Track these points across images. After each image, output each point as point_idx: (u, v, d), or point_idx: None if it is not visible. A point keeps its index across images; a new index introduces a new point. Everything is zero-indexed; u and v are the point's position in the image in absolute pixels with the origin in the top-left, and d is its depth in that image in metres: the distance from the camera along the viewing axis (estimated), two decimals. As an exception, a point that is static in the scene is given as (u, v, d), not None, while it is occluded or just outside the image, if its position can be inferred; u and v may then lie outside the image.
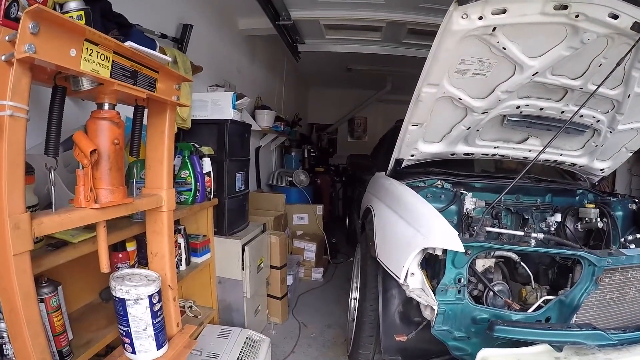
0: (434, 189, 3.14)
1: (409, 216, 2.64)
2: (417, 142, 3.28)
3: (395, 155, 3.42)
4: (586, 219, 3.56)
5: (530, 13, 2.24)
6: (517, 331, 2.00)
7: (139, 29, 2.88)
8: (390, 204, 3.03)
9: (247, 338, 3.08)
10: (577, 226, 3.69)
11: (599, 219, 3.50)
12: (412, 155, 3.43)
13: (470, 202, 3.17)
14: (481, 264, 2.47)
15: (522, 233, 3.08)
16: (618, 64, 2.52)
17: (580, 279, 2.28)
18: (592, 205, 3.57)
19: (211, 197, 3.22)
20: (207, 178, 3.13)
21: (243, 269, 3.49)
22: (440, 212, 2.78)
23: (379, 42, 5.61)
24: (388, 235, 2.81)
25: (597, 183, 4.17)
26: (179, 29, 3.76)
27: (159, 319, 1.80)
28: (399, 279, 2.31)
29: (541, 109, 3.11)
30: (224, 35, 4.92)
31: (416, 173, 3.51)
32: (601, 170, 4.00)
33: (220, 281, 3.49)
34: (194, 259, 3.16)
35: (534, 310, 2.29)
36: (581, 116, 3.21)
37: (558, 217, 3.59)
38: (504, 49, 2.46)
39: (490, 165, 4.25)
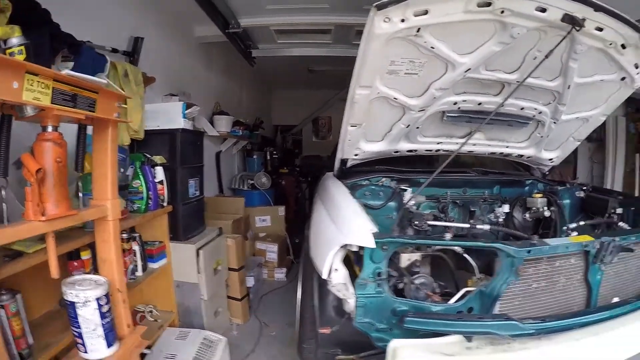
0: (373, 187, 3.31)
1: (335, 214, 2.77)
2: (358, 142, 3.40)
3: (339, 155, 3.54)
4: (533, 208, 3.75)
5: (453, 12, 2.34)
6: (426, 322, 2.10)
7: (90, 45, 3.03)
8: (325, 203, 3.16)
9: (204, 339, 3.28)
10: (525, 216, 3.89)
11: (546, 208, 3.72)
12: (356, 155, 3.55)
13: (409, 197, 3.35)
14: (406, 258, 2.53)
15: (467, 225, 3.31)
16: (546, 56, 2.63)
17: (499, 270, 2.31)
18: (540, 195, 3.77)
19: (165, 204, 3.40)
20: (159, 186, 3.33)
21: (199, 272, 3.70)
22: (378, 208, 3.00)
23: (330, 44, 5.78)
24: (317, 233, 2.91)
25: (547, 172, 4.37)
26: (132, 41, 3.88)
27: (108, 319, 1.99)
28: (322, 275, 2.36)
29: (479, 103, 3.23)
30: (179, 44, 5.06)
31: (362, 172, 3.67)
32: (550, 160, 4.17)
33: (178, 285, 3.67)
34: (151, 265, 3.34)
35: (457, 301, 2.35)
36: (522, 108, 3.35)
37: (506, 208, 3.83)
38: (433, 48, 2.57)
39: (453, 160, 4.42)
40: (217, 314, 4.06)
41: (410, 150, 3.73)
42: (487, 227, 3.25)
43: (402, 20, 2.30)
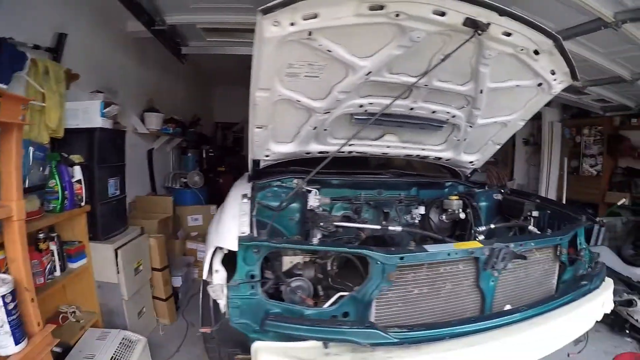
0: (276, 188, 3.35)
1: (219, 217, 2.87)
2: (267, 143, 3.45)
3: (250, 156, 3.58)
4: (449, 210, 3.90)
5: (344, 15, 2.34)
6: (284, 326, 2.13)
7: (12, 42, 3.04)
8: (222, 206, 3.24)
9: (123, 339, 3.36)
10: (442, 217, 4.05)
11: (461, 210, 3.86)
12: (267, 156, 3.60)
13: (314, 199, 3.45)
14: (288, 261, 2.60)
15: (378, 227, 3.43)
16: (443, 59, 2.68)
17: (370, 275, 2.31)
18: (455, 197, 3.91)
19: (82, 203, 3.46)
20: (77, 185, 3.39)
21: (118, 272, 3.76)
22: (279, 210, 3.08)
23: (259, 43, 5.71)
24: (207, 235, 3.03)
25: (469, 175, 4.51)
26: (56, 38, 3.84)
27: (14, 317, 2.08)
28: (203, 276, 2.45)
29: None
30: (110, 40, 5.03)
31: (277, 172, 3.73)
32: (470, 162, 4.27)
33: (99, 285, 3.73)
34: (70, 265, 3.40)
35: (331, 306, 2.36)
36: (434, 112, 3.41)
37: (422, 210, 4.02)
38: (330, 51, 2.58)
39: (373, 161, 4.54)
40: (141, 314, 4.13)
41: (322, 152, 3.76)
42: (399, 228, 3.36)
43: (292, 24, 2.31)
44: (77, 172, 3.42)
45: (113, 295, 3.81)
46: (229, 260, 2.43)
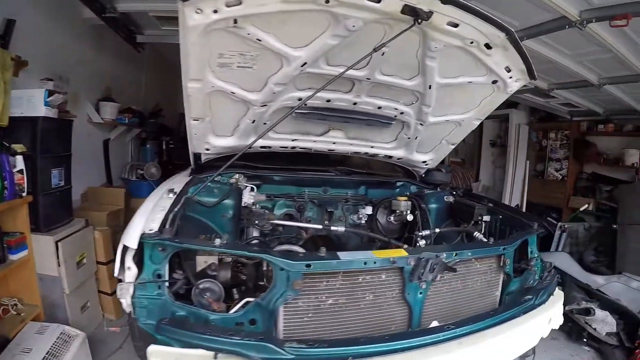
0: (209, 184, 3.13)
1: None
2: (207, 136, 3.38)
3: (190, 149, 3.52)
4: (397, 211, 3.82)
5: (270, 2, 2.25)
6: (175, 332, 2.03)
7: None
8: None
9: (61, 333, 3.35)
10: (390, 219, 3.99)
11: (409, 211, 3.79)
12: (208, 150, 3.53)
13: (248, 196, 3.38)
14: (202, 261, 2.48)
15: (320, 226, 3.42)
16: (375, 50, 2.55)
17: (273, 282, 2.21)
18: (404, 198, 3.84)
19: (24, 194, 3.44)
20: (18, 175, 3.37)
21: (59, 265, 3.76)
22: (210, 206, 3.06)
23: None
24: None
25: (423, 175, 4.45)
26: (3, 24, 3.78)
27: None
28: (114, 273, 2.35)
29: (328, 100, 3.23)
30: (63, 27, 4.93)
31: (218, 166, 3.55)
32: (424, 162, 4.24)
33: (41, 278, 3.71)
34: (11, 256, 3.40)
35: (237, 311, 2.29)
36: (380, 107, 3.35)
37: (369, 210, 3.96)
38: (259, 40, 2.50)
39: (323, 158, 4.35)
40: (85, 309, 4.13)
41: (264, 147, 3.72)
42: (342, 228, 3.35)
43: (215, 11, 2.23)
44: (19, 162, 3.41)
45: (54, 289, 3.80)
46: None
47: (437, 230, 3.54)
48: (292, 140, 3.68)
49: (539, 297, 2.74)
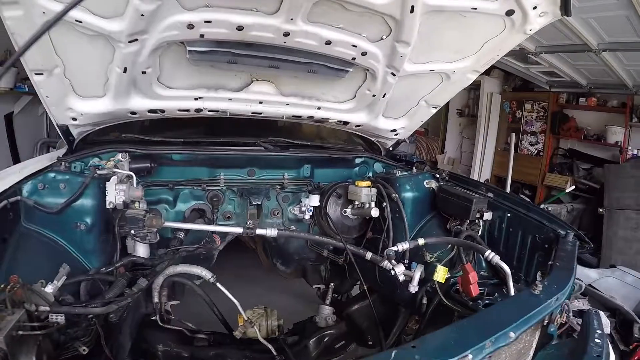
0: (53, 175, 2.26)
1: None
2: (66, 99, 2.33)
3: (54, 121, 2.52)
4: (357, 203, 2.83)
5: None
6: None
7: None
8: None
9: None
10: (345, 212, 2.93)
11: (373, 203, 2.79)
12: (75, 119, 2.48)
13: (113, 192, 2.28)
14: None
15: (240, 230, 2.52)
16: None
17: None
18: (366, 183, 2.82)
19: None
20: None
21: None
22: (55, 213, 2.17)
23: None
24: None
25: (391, 148, 3.42)
26: None
27: None
28: None
29: (239, 28, 2.04)
30: None
31: (103, 142, 2.69)
32: (393, 131, 3.18)
33: None
34: None
35: None
36: (328, 43, 2.20)
37: (315, 200, 2.92)
38: None
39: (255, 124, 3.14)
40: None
41: (153, 111, 2.62)
42: (274, 231, 2.50)
43: None
44: None
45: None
46: None
47: (421, 241, 2.47)
48: (196, 100, 2.59)
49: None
